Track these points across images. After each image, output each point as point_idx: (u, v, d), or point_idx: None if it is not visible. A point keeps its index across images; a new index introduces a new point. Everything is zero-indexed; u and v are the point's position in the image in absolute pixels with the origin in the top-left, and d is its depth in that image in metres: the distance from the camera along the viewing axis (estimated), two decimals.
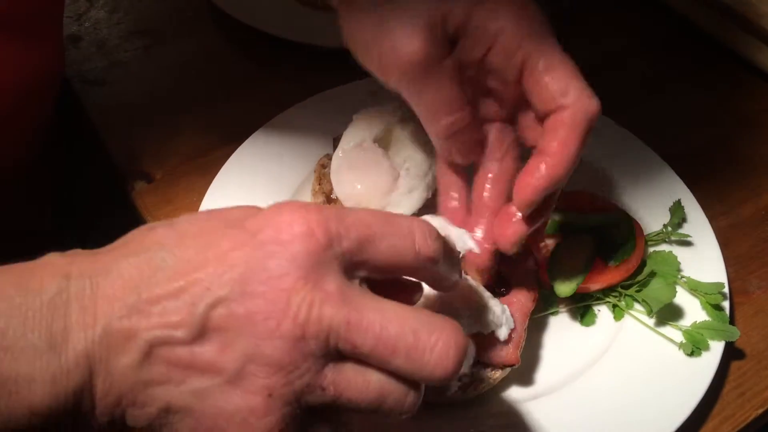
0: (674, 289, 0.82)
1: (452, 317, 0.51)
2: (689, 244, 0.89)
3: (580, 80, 0.69)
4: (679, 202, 0.90)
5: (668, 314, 0.82)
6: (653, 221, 0.90)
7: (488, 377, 0.76)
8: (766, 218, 0.97)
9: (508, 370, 0.77)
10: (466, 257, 0.71)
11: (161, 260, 0.47)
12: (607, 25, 1.24)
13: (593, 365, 0.80)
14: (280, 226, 0.47)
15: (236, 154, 0.95)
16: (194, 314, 0.45)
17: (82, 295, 0.46)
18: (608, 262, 0.84)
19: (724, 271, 0.86)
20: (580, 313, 0.85)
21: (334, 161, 0.88)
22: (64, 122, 1.14)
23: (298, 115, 1.00)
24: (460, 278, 0.58)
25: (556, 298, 0.85)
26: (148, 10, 1.22)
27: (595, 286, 0.83)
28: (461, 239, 0.63)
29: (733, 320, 0.85)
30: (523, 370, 0.79)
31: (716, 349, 0.79)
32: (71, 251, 0.50)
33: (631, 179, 0.96)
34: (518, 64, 0.66)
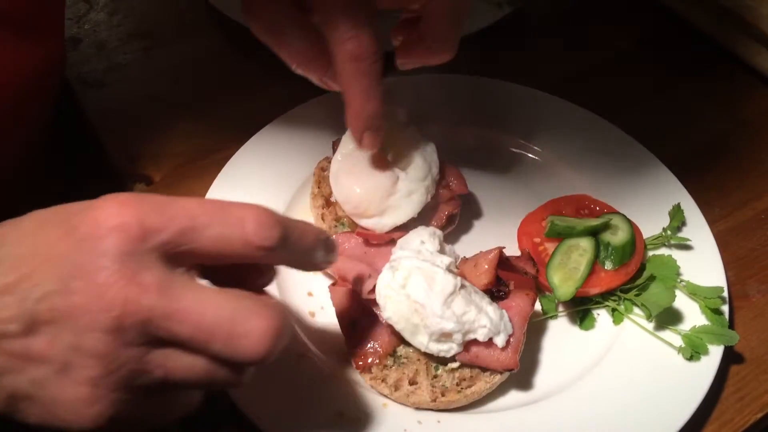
0: (673, 293, 0.82)
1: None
2: (688, 247, 0.89)
3: None
4: (678, 205, 0.90)
5: (667, 318, 0.82)
6: (652, 225, 0.90)
7: (487, 381, 0.76)
8: (765, 222, 0.97)
9: (507, 374, 0.77)
10: None
11: (1, 257, 0.50)
12: (606, 27, 1.24)
13: (592, 369, 0.80)
14: (97, 220, 0.49)
15: (236, 156, 0.95)
16: (24, 309, 0.48)
17: None
18: (607, 266, 0.84)
19: (723, 275, 0.86)
20: (579, 317, 0.85)
21: (333, 165, 0.88)
22: (63, 124, 1.14)
23: (297, 118, 0.99)
24: (329, 260, 0.60)
25: (555, 302, 0.85)
26: (147, 12, 1.22)
27: (594, 290, 0.83)
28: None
29: (732, 324, 0.85)
30: (522, 374, 0.79)
31: (715, 353, 0.79)
32: None
33: (630, 183, 0.96)
34: None
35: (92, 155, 1.08)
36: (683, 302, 0.84)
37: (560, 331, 0.84)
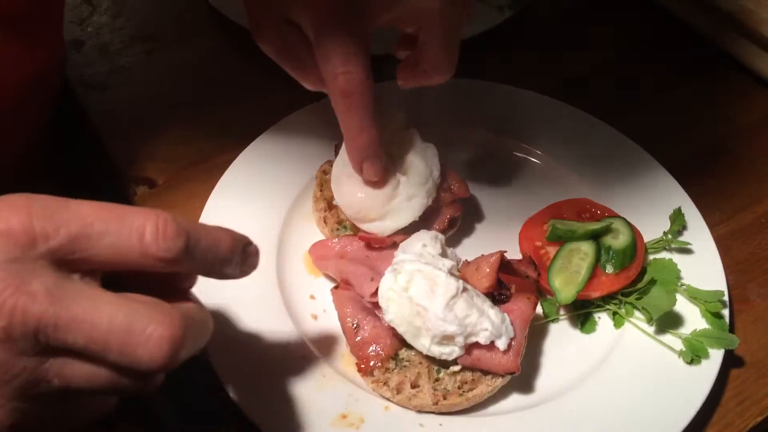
0: (674, 296, 0.82)
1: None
2: (689, 251, 0.89)
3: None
4: (679, 209, 0.90)
5: (668, 322, 0.83)
6: (653, 229, 0.90)
7: (488, 384, 0.76)
8: (765, 226, 0.98)
9: (508, 377, 0.77)
10: None
11: None
12: (606, 31, 1.24)
13: (593, 373, 0.80)
14: None
15: (238, 160, 0.95)
16: None
17: None
18: (608, 269, 0.84)
19: (723, 278, 0.86)
20: (580, 320, 0.85)
21: (334, 169, 0.88)
22: (66, 127, 1.15)
23: (299, 121, 1.00)
24: (246, 270, 0.58)
25: (556, 305, 0.85)
26: (149, 15, 1.22)
27: (595, 293, 0.84)
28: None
29: (732, 328, 0.86)
30: (523, 377, 0.79)
31: (716, 357, 0.79)
32: None
33: (631, 186, 0.96)
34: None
35: (95, 158, 1.09)
36: (684, 306, 0.84)
37: (561, 334, 0.85)
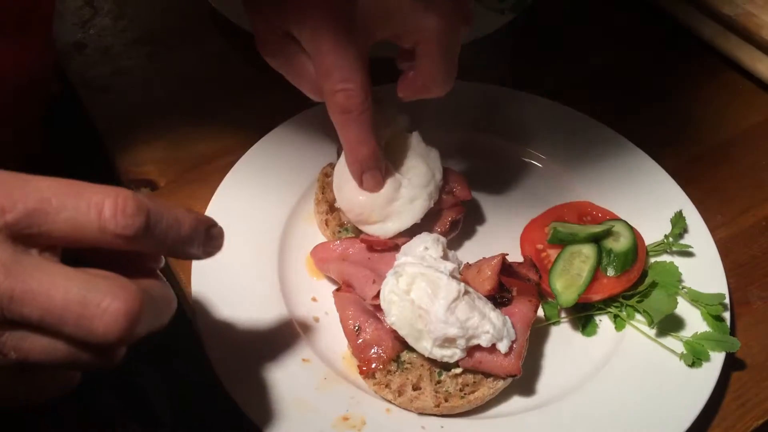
0: (675, 299, 0.82)
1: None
2: (690, 254, 0.89)
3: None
4: (680, 212, 0.90)
5: (669, 325, 0.83)
6: (654, 232, 0.90)
7: (490, 387, 0.76)
8: (766, 229, 0.98)
9: (510, 380, 0.77)
10: None
11: None
12: (608, 35, 1.25)
13: (594, 375, 0.80)
14: None
15: (240, 162, 0.95)
16: None
17: None
18: (609, 272, 0.84)
19: (724, 281, 0.86)
20: (581, 323, 0.85)
21: (336, 171, 0.88)
22: (68, 129, 1.15)
23: (301, 123, 1.00)
24: (211, 250, 0.58)
25: (557, 308, 0.85)
26: (152, 17, 1.23)
27: (596, 296, 0.84)
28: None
29: (733, 331, 0.86)
30: (524, 380, 0.79)
31: (717, 359, 0.79)
32: None
33: (632, 190, 0.96)
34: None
35: (96, 160, 1.09)
36: (685, 309, 0.84)
37: (563, 337, 0.85)
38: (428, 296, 0.74)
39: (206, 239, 0.58)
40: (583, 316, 0.85)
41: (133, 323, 0.49)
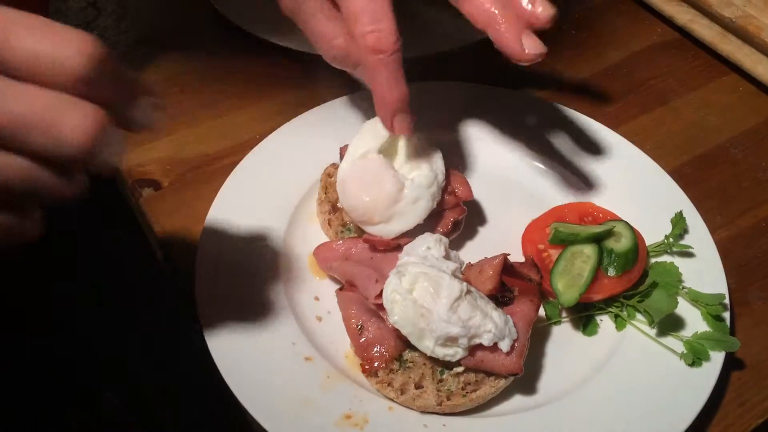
0: (675, 299, 0.83)
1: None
2: (690, 255, 0.90)
3: None
4: (680, 213, 0.91)
5: (669, 324, 0.83)
6: (655, 232, 0.91)
7: (492, 386, 0.77)
8: (766, 229, 0.98)
9: (511, 378, 0.78)
10: None
11: None
12: (609, 36, 1.25)
13: (595, 375, 0.81)
14: None
15: (243, 162, 0.96)
16: None
17: None
18: (610, 272, 0.85)
19: (724, 282, 0.87)
20: (582, 322, 0.86)
21: (339, 172, 0.89)
22: None
23: (304, 124, 1.01)
24: (150, 120, 0.57)
25: (559, 307, 0.86)
26: (154, 18, 1.23)
27: (597, 296, 0.84)
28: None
29: (733, 331, 0.86)
30: (526, 379, 0.80)
31: (717, 359, 0.80)
32: None
33: (633, 191, 0.97)
34: None
35: None
36: (685, 309, 0.85)
37: (564, 336, 0.85)
38: (431, 295, 0.74)
39: (153, 106, 0.56)
40: (584, 315, 0.86)
41: (98, 135, 0.50)
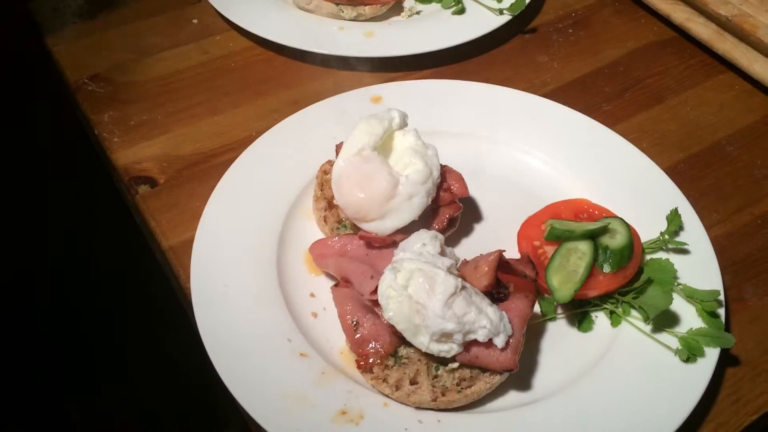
0: (671, 296, 0.83)
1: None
2: (686, 252, 0.90)
3: None
4: (675, 210, 0.91)
5: (664, 321, 0.83)
6: (650, 229, 0.91)
7: (487, 381, 0.77)
8: (761, 227, 0.98)
9: (506, 374, 0.78)
10: None
11: None
12: (606, 35, 1.25)
13: (590, 371, 0.81)
14: None
15: (239, 159, 0.96)
16: None
17: None
18: (606, 269, 0.85)
19: (720, 278, 0.87)
20: (577, 319, 0.86)
21: (335, 169, 0.89)
22: (69, 127, 1.15)
23: (300, 121, 1.01)
24: None
25: (554, 304, 0.86)
26: (154, 17, 1.23)
27: (592, 292, 0.85)
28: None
29: (728, 327, 0.86)
30: (521, 375, 0.80)
31: (711, 355, 0.80)
32: None
33: (628, 188, 0.97)
34: None
35: (98, 158, 1.09)
36: (680, 305, 0.85)
37: (559, 332, 0.85)
38: (426, 291, 0.74)
39: None
40: (579, 312, 0.86)
41: None
